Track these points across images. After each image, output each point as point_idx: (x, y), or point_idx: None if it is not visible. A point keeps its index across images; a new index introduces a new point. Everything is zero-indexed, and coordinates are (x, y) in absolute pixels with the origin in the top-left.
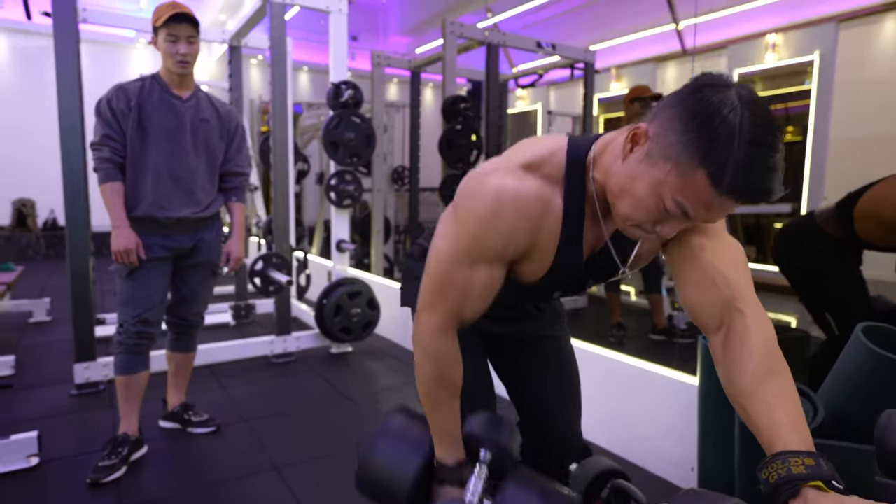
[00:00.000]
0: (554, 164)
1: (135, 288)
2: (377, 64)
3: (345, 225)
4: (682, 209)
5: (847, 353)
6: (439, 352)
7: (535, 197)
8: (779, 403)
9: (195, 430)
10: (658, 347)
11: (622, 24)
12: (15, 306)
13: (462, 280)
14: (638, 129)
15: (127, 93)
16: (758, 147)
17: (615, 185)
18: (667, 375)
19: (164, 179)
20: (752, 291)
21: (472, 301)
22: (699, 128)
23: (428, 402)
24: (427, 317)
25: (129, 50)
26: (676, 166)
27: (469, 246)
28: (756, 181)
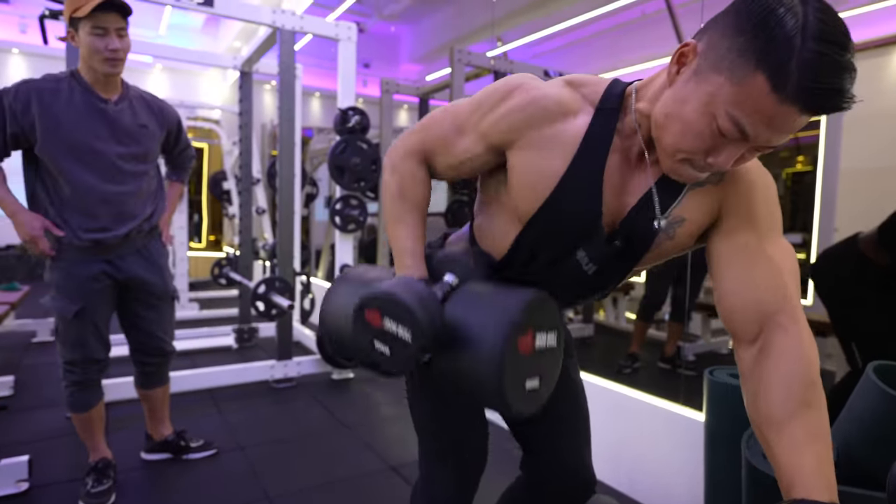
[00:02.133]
0: (593, 88)
1: (83, 328)
2: (386, 90)
3: (349, 249)
4: (739, 126)
5: (858, 392)
6: (404, 169)
7: (556, 98)
8: (808, 442)
9: (193, 455)
10: (666, 379)
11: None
12: (19, 325)
13: (447, 130)
14: (685, 46)
15: (30, 95)
16: (826, 43)
17: (660, 112)
18: (674, 411)
19: (92, 200)
20: (800, 306)
21: (446, 155)
22: (755, 28)
23: (391, 222)
24: (402, 141)
25: (146, 74)
26: (731, 76)
27: (470, 108)
28: (825, 80)
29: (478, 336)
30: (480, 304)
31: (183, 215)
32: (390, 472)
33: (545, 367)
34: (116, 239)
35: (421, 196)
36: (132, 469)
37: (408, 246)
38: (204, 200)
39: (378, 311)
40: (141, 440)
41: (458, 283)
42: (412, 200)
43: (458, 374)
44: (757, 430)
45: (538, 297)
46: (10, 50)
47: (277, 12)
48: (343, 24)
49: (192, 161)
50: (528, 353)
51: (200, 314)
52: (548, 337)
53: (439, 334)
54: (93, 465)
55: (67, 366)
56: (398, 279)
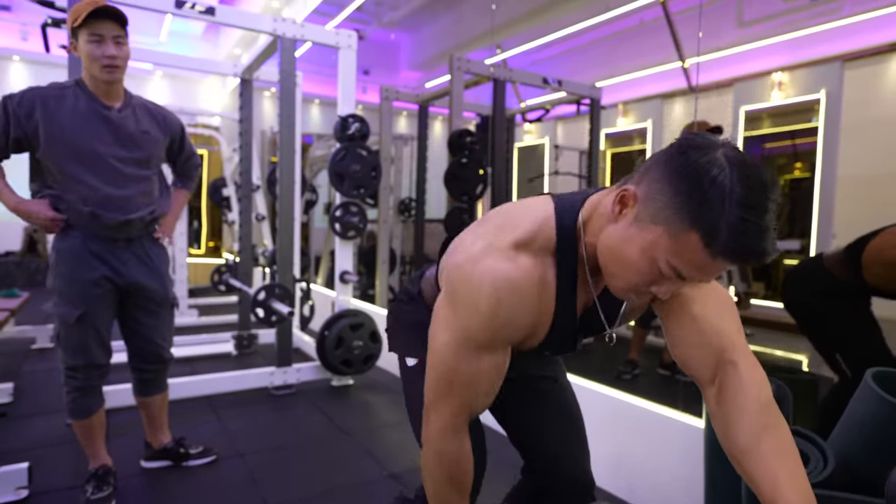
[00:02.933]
0: (544, 238)
1: (85, 333)
2: (385, 97)
3: (349, 256)
4: (676, 271)
5: (857, 399)
6: (451, 453)
7: (531, 279)
8: (777, 459)
9: (193, 462)
10: (665, 385)
11: (629, 61)
12: (19, 332)
13: (468, 371)
14: (626, 192)
15: (35, 102)
16: (749, 209)
17: (606, 248)
18: (673, 417)
19: (97, 197)
20: (743, 341)
21: (482, 391)
22: (689, 190)
23: (435, 502)
24: (436, 416)
25: (146, 81)
26: (668, 229)
27: (472, 337)
28: (750, 243)
29: None
30: None
31: (183, 221)
32: (390, 479)
33: None
34: (115, 221)
35: (468, 478)
36: (132, 476)
37: None
38: (203, 206)
39: None
40: (141, 447)
41: None
42: (460, 486)
43: None
44: (733, 460)
45: None
46: (12, 57)
47: (278, 21)
48: (343, 33)
49: (197, 169)
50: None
51: (199, 321)
52: None
53: None
54: (93, 471)
55: (69, 371)
56: None
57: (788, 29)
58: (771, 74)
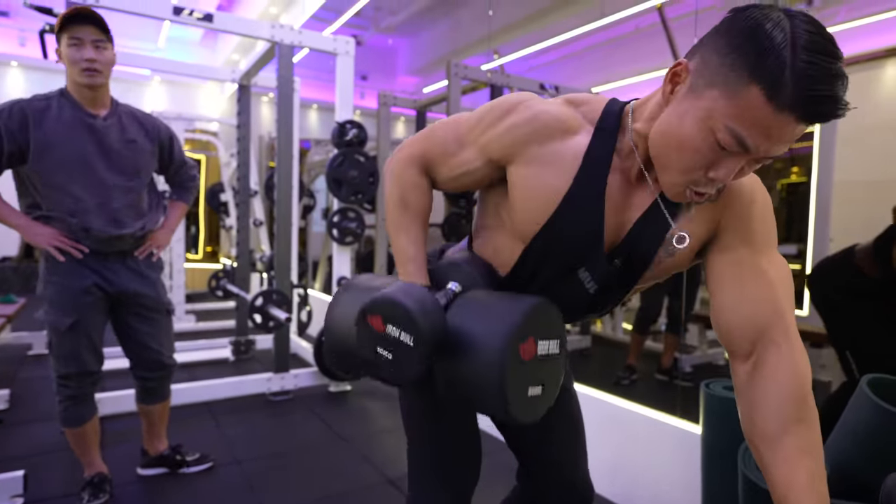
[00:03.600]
0: (592, 107)
1: (77, 341)
2: (383, 103)
3: (346, 262)
4: (738, 139)
5: (852, 405)
6: (405, 178)
7: (557, 117)
8: (800, 458)
9: (190, 469)
10: (663, 391)
11: (625, 66)
12: (15, 338)
13: (448, 142)
14: (678, 66)
15: (25, 113)
16: (816, 53)
17: (657, 131)
18: (671, 423)
19: (87, 206)
20: (794, 322)
21: (444, 167)
22: (746, 43)
23: (393, 230)
24: (404, 149)
25: (144, 87)
26: (726, 90)
27: (471, 122)
28: (820, 88)
29: (480, 342)
30: (483, 310)
31: (180, 227)
32: (388, 485)
33: (548, 375)
34: (105, 234)
35: (423, 205)
36: (128, 483)
37: (410, 253)
38: (201, 212)
39: (380, 316)
40: (137, 454)
41: (462, 290)
42: (414, 209)
43: (459, 381)
44: (751, 444)
45: (542, 304)
46: (9, 63)
47: (276, 27)
48: (341, 39)
49: (194, 180)
50: (530, 360)
51: (197, 326)
52: (550, 345)
53: (441, 340)
54: (88, 479)
55: (61, 380)
56: (401, 285)
57: None
58: None
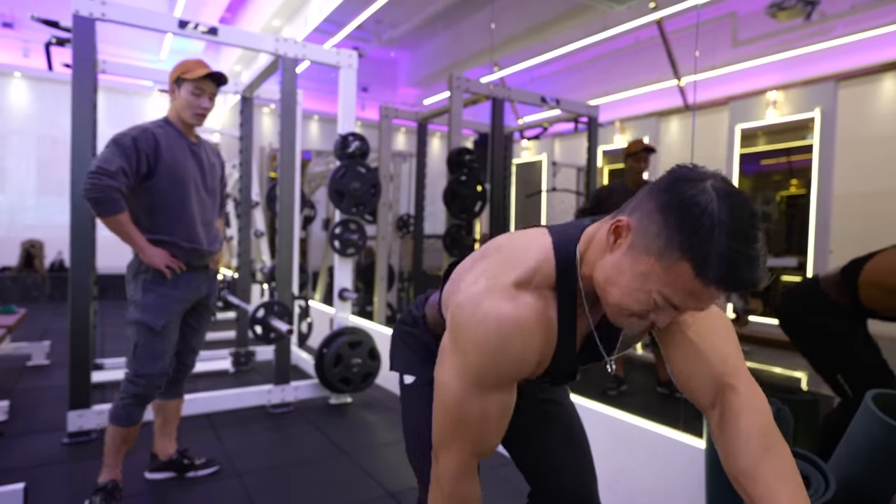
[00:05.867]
0: (544, 274)
1: (162, 344)
2: (385, 115)
3: (348, 273)
4: (669, 301)
5: (857, 422)
6: (462, 496)
7: (533, 317)
8: (778, 483)
9: (199, 473)
10: (664, 404)
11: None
12: (14, 349)
13: (478, 412)
14: (619, 223)
15: (154, 137)
16: (738, 239)
17: (602, 278)
18: (675, 438)
19: (195, 223)
20: (743, 364)
21: (492, 430)
22: (678, 221)
23: None
24: (446, 459)
25: (146, 98)
26: (660, 260)
27: (478, 378)
28: (740, 273)
29: None
30: None
31: None
32: (389, 498)
33: None
34: (208, 251)
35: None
36: (131, 495)
37: None
38: None
39: None
40: (141, 465)
41: None
42: None
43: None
44: (734, 481)
45: None
46: (13, 73)
47: (280, 41)
48: (344, 52)
49: (227, 199)
50: None
51: None
52: None
53: None
54: (102, 485)
55: (136, 378)
56: None
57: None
58: (766, 93)
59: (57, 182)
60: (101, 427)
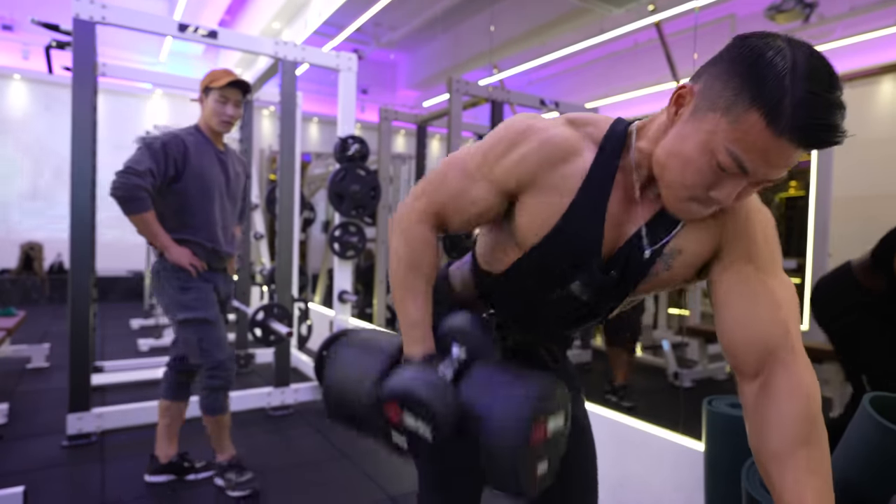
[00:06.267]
0: (596, 127)
1: (219, 330)
2: (384, 118)
3: (347, 276)
4: (738, 162)
5: (855, 424)
6: (416, 236)
7: (563, 141)
8: (809, 479)
9: (198, 475)
10: (667, 407)
11: (625, 81)
12: (14, 352)
13: (459, 185)
14: (682, 88)
15: (184, 143)
16: (815, 82)
17: (662, 151)
18: (675, 440)
19: (216, 226)
20: (800, 341)
21: (460, 212)
22: (748, 69)
23: (399, 290)
24: (413, 202)
25: (145, 100)
26: (727, 113)
27: (478, 159)
28: (818, 118)
29: (496, 430)
30: (496, 394)
31: None
32: (390, 502)
33: (554, 451)
34: (226, 254)
35: (432, 265)
36: (134, 498)
37: (416, 318)
38: None
39: (398, 406)
40: (135, 470)
41: (466, 356)
42: (423, 270)
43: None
44: (759, 463)
45: (548, 383)
46: (12, 76)
47: (280, 44)
48: (344, 55)
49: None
50: (540, 443)
51: None
52: (557, 421)
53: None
54: (226, 462)
55: (214, 371)
56: (415, 371)
57: None
58: None
59: (57, 184)
60: (100, 429)
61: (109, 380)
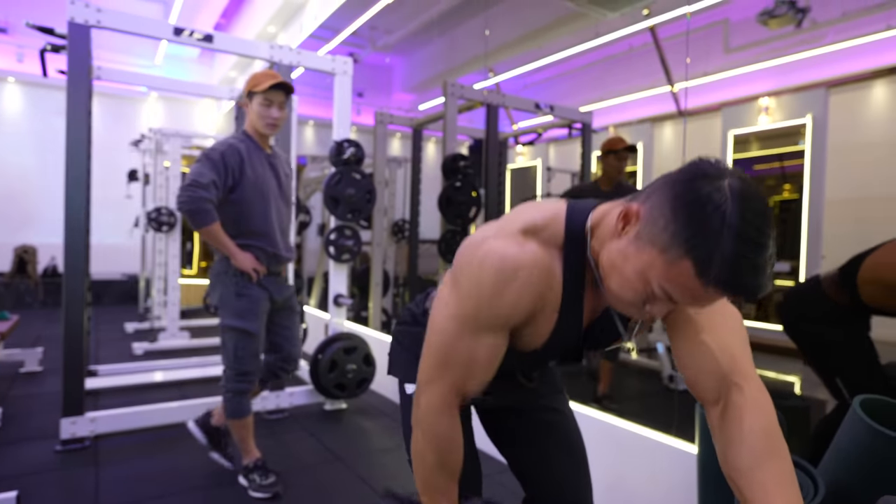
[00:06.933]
0: (553, 231)
1: (256, 343)
2: (380, 121)
3: (343, 279)
4: (668, 295)
5: (845, 427)
6: (441, 433)
7: (537, 264)
8: (776, 489)
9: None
10: (661, 410)
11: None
12: (7, 356)
13: (466, 351)
14: (630, 209)
15: (239, 152)
16: (746, 243)
17: (606, 261)
18: (668, 443)
19: (275, 231)
20: (751, 364)
21: (477, 372)
22: (687, 218)
23: (426, 489)
24: (428, 394)
25: (141, 103)
26: (663, 254)
27: (473, 315)
28: (743, 278)
29: None
30: None
31: (176, 243)
32: None
33: None
34: (285, 258)
35: (458, 462)
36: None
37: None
38: None
39: None
40: (125, 475)
41: None
42: (450, 470)
43: None
44: (729, 480)
45: None
46: (7, 79)
47: (275, 48)
48: (339, 59)
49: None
50: None
51: (191, 343)
52: None
53: None
54: (252, 464)
55: (240, 377)
56: None
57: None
58: (758, 99)
59: (50, 187)
60: (94, 434)
61: (103, 384)
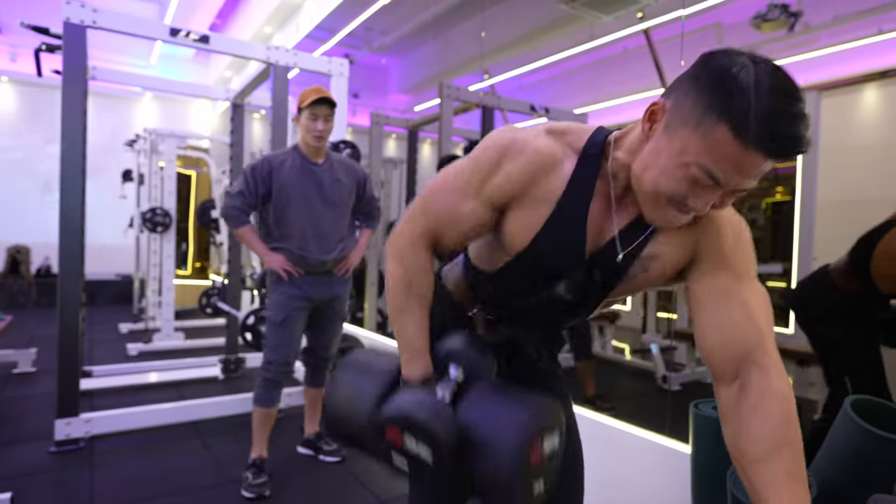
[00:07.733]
0: (576, 136)
1: (283, 335)
2: (376, 122)
3: None
4: (710, 173)
5: (837, 426)
6: (414, 263)
7: (546, 151)
8: (786, 481)
9: (326, 458)
10: (655, 410)
11: (614, 87)
12: (0, 356)
13: (448, 204)
14: (654, 105)
15: (270, 164)
16: (778, 95)
17: (638, 165)
18: (661, 443)
19: (307, 234)
20: (775, 347)
21: (453, 229)
22: (715, 85)
23: (396, 312)
24: (406, 225)
25: (136, 103)
26: (697, 128)
27: (467, 176)
28: (782, 128)
29: (494, 454)
30: (493, 417)
31: (171, 243)
32: None
33: (550, 470)
34: (317, 261)
35: (427, 287)
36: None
37: (415, 342)
38: (191, 228)
39: (399, 430)
40: (122, 478)
41: (464, 378)
42: (419, 292)
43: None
44: (738, 466)
45: (544, 404)
46: (0, 78)
47: (271, 49)
48: (335, 61)
49: (379, 211)
50: (537, 464)
51: (186, 344)
52: (553, 441)
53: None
54: (252, 461)
55: (267, 365)
56: (414, 394)
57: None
58: None
59: (45, 187)
60: (89, 435)
61: (98, 384)
